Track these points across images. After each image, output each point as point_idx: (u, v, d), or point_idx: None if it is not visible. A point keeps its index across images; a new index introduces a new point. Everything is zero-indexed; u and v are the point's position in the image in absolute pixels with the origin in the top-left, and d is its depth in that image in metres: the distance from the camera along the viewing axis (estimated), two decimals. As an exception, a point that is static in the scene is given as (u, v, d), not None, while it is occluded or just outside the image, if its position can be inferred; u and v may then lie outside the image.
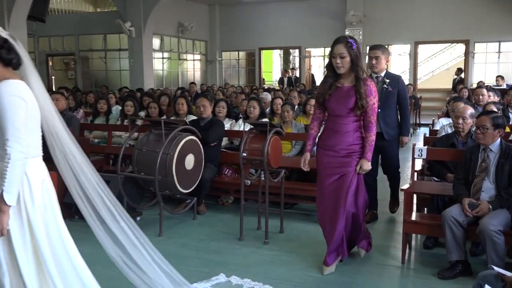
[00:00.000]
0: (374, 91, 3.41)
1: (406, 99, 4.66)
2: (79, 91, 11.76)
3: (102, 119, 6.75)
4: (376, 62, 4.45)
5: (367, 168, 3.45)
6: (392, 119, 4.57)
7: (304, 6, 15.25)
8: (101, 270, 3.69)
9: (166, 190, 4.60)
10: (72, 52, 15.66)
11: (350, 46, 3.32)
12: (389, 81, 4.46)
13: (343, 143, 3.44)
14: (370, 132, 3.44)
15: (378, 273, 3.64)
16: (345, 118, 3.44)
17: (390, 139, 4.55)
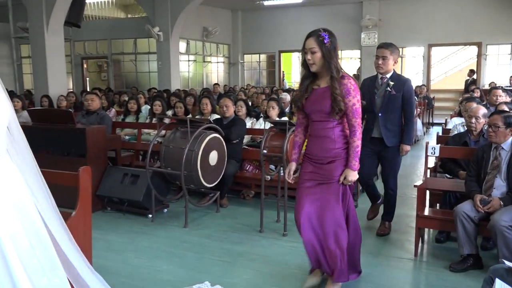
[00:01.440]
0: (353, 90, 2.79)
1: (411, 104, 3.96)
2: (111, 91, 11.91)
3: (132, 118, 6.83)
4: (382, 62, 3.90)
5: (352, 178, 2.84)
6: (394, 124, 3.97)
7: (322, 11, 15.14)
8: (132, 259, 3.76)
9: (191, 184, 4.63)
10: (105, 55, 15.86)
11: (321, 40, 2.78)
12: (394, 83, 3.90)
13: (326, 150, 2.87)
14: (354, 136, 2.81)
15: (391, 265, 3.60)
16: (325, 123, 2.86)
17: (391, 145, 3.98)
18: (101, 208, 4.95)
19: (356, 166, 2.83)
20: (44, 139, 5.20)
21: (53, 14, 9.56)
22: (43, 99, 8.90)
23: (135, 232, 4.35)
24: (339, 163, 2.86)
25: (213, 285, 3.11)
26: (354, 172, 2.84)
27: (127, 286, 3.22)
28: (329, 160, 2.87)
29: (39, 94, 9.63)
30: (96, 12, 16.15)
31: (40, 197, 2.35)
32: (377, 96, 3.97)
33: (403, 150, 4.02)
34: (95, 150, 4.89)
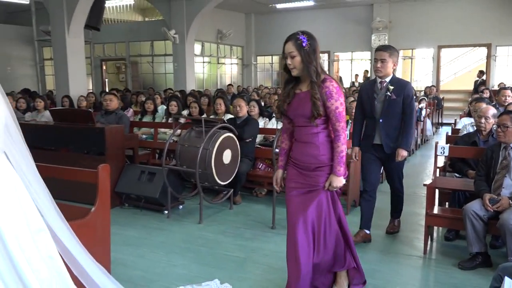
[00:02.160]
0: (336, 93, 2.57)
1: (411, 108, 3.68)
2: (129, 92, 12.00)
3: (149, 118, 6.86)
4: (381, 65, 3.62)
5: (337, 184, 2.61)
6: (395, 130, 3.71)
7: (333, 14, 15.07)
8: (148, 253, 3.79)
9: (205, 182, 4.64)
10: (123, 57, 15.98)
11: (300, 43, 2.59)
12: (394, 88, 3.63)
13: (311, 156, 2.66)
14: (338, 141, 2.60)
15: (401, 262, 3.57)
16: (309, 128, 2.64)
17: (391, 152, 3.72)
18: (119, 204, 4.99)
19: (341, 172, 2.61)
20: (65, 138, 5.26)
21: (74, 18, 9.66)
22: (64, 99, 9.00)
23: (152, 228, 4.37)
24: (326, 170, 2.65)
25: (222, 283, 3.08)
26: (340, 178, 2.62)
27: (144, 279, 3.24)
28: (314, 167, 2.66)
29: (61, 94, 9.74)
30: (115, 16, 16.28)
31: (40, 195, 2.34)
32: (377, 101, 3.70)
33: (399, 155, 3.67)
34: (113, 148, 4.93)
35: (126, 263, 3.51)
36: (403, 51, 15.66)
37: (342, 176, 2.63)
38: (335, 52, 16.06)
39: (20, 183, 2.26)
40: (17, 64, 15.21)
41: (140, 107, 8.07)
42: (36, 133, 5.52)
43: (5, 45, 14.69)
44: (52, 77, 12.90)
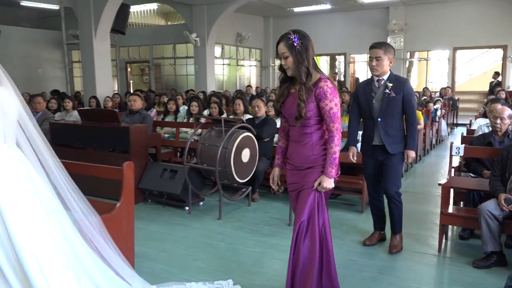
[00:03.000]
0: (330, 93, 2.42)
1: (412, 106, 3.46)
2: (152, 93, 12.12)
3: (171, 117, 6.91)
4: (376, 63, 3.41)
5: (327, 185, 2.47)
6: (395, 129, 3.47)
7: (350, 17, 14.93)
8: (170, 247, 3.82)
9: (225, 180, 4.65)
10: (147, 60, 16.14)
11: (291, 43, 2.43)
12: (393, 85, 3.40)
13: (305, 156, 2.54)
14: (331, 143, 2.45)
15: (415, 259, 3.51)
16: (303, 128, 2.51)
17: (393, 152, 3.47)
18: (142, 200, 5.04)
19: (332, 174, 2.47)
20: (92, 137, 5.34)
21: (101, 22, 9.79)
22: (91, 99, 9.14)
23: (173, 223, 4.41)
24: (317, 170, 2.51)
25: (235, 284, 3.04)
26: (330, 180, 2.47)
27: (165, 272, 3.26)
28: (307, 167, 2.54)
29: (88, 95, 9.90)
30: (139, 20, 16.46)
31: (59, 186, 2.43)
32: (375, 100, 3.46)
33: (409, 157, 3.48)
34: (137, 147, 4.98)
35: (149, 256, 3.54)
36: (419, 53, 15.43)
37: (333, 178, 2.48)
38: (351, 54, 15.91)
39: (32, 170, 2.33)
40: (48, 66, 15.52)
41: (162, 107, 8.14)
42: (65, 132, 5.62)
43: (36, 49, 15.01)
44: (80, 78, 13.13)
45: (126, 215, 2.95)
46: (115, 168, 3.02)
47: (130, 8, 11.26)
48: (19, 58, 14.21)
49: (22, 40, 14.41)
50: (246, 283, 3.09)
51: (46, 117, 6.41)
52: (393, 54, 3.47)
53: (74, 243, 2.37)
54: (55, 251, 2.26)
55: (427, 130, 7.77)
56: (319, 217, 2.50)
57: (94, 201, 3.16)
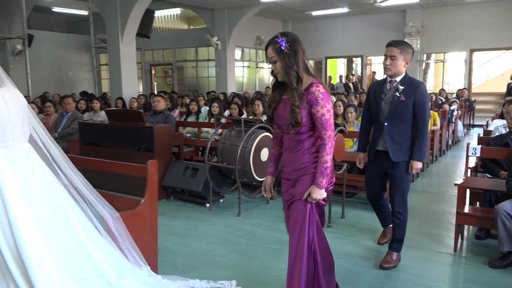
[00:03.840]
0: (322, 99, 2.20)
1: (424, 113, 3.06)
2: (175, 94, 12.23)
3: (193, 118, 6.96)
4: (390, 63, 3.05)
5: (317, 197, 2.24)
6: (403, 136, 3.11)
7: (366, 20, 14.76)
8: (191, 242, 3.84)
9: (244, 178, 4.66)
10: (170, 62, 16.30)
11: (278, 47, 2.23)
12: (404, 88, 3.04)
13: (296, 163, 2.33)
14: (323, 151, 2.23)
15: (431, 258, 3.45)
16: (295, 135, 2.30)
17: (398, 161, 3.11)
18: (165, 196, 5.09)
19: (323, 184, 2.24)
20: (118, 136, 5.42)
21: (127, 27, 9.93)
22: (118, 100, 9.29)
23: (195, 219, 4.44)
24: (308, 179, 2.29)
25: (237, 286, 2.96)
26: (321, 191, 2.24)
27: (187, 266, 3.29)
28: (298, 175, 2.33)
29: (115, 96, 10.05)
30: (163, 24, 16.63)
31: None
32: (384, 103, 3.14)
33: (413, 167, 3.11)
34: (161, 145, 5.03)
35: (171, 251, 3.58)
36: (435, 55, 15.14)
37: (323, 188, 2.25)
38: (367, 56, 15.73)
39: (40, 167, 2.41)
40: (77, 69, 15.84)
41: (185, 108, 8.20)
42: (93, 131, 5.72)
43: (67, 52, 15.34)
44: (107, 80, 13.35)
45: (150, 211, 2.98)
46: (140, 166, 3.06)
47: (154, 13, 11.39)
48: (50, 61, 14.56)
49: (54, 44, 14.75)
50: (264, 278, 3.09)
51: (75, 117, 6.55)
52: (411, 55, 3.10)
53: (81, 237, 2.41)
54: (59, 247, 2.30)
55: (443, 131, 7.63)
56: (309, 230, 2.28)
57: (119, 197, 3.21)
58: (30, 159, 2.37)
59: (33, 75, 10.96)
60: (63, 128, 6.52)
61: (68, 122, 6.54)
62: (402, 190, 3.18)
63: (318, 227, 2.33)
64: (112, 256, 2.55)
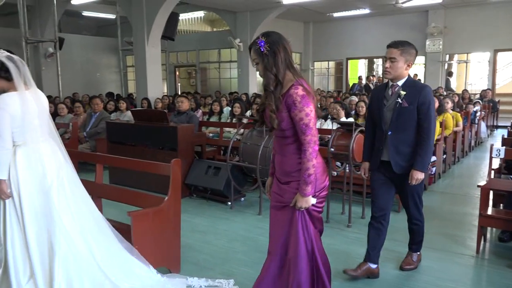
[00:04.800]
0: (299, 101, 2.05)
1: (428, 119, 2.75)
2: (198, 94, 12.34)
3: (216, 118, 7.00)
4: (390, 65, 2.78)
5: (302, 205, 2.13)
6: (408, 146, 2.82)
7: (388, 21, 14.52)
8: (213, 240, 3.86)
9: (265, 177, 4.64)
10: (194, 64, 16.45)
11: (258, 49, 2.11)
12: (406, 93, 2.75)
13: (283, 168, 2.23)
14: (304, 157, 2.09)
15: (453, 260, 3.37)
16: (281, 139, 2.19)
17: (402, 173, 2.84)
18: (188, 194, 5.13)
19: (308, 192, 2.10)
20: (143, 135, 5.50)
21: (153, 30, 10.08)
22: (143, 101, 9.43)
23: (216, 217, 4.46)
24: (293, 186, 2.18)
25: (234, 285, 2.94)
26: (306, 199, 2.11)
27: (208, 262, 3.31)
28: (285, 180, 2.22)
29: (140, 97, 10.22)
30: (187, 27, 16.80)
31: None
32: (386, 109, 2.85)
33: (413, 178, 2.79)
34: (184, 145, 5.08)
35: (194, 247, 3.61)
36: (458, 55, 14.77)
37: (309, 196, 2.12)
38: (389, 57, 15.48)
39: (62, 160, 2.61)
40: (105, 70, 16.17)
41: (208, 108, 8.26)
42: (120, 131, 5.83)
43: (95, 55, 15.67)
44: (133, 82, 13.57)
45: (174, 208, 3.01)
46: (164, 164, 3.09)
47: (179, 16, 11.52)
48: (80, 63, 14.90)
49: (83, 47, 15.10)
50: (284, 276, 3.07)
51: (103, 117, 6.69)
52: (413, 56, 2.81)
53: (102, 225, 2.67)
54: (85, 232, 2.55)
55: (466, 132, 7.44)
56: (305, 237, 2.19)
57: (144, 195, 3.26)
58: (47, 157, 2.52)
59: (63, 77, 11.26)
60: (91, 127, 6.67)
61: (96, 122, 6.68)
62: (415, 199, 2.97)
63: (314, 234, 2.23)
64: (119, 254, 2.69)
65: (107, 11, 14.33)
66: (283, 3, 11.97)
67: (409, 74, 2.85)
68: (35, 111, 2.50)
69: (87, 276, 2.49)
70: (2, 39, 11.89)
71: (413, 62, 2.82)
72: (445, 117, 6.21)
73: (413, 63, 2.83)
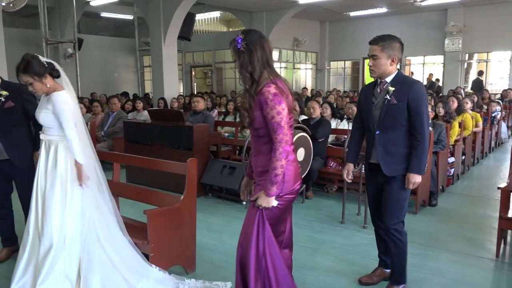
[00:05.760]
0: (271, 100, 2.01)
1: (420, 117, 2.52)
2: (213, 94, 12.39)
3: (231, 117, 7.02)
4: (373, 63, 2.59)
5: (263, 204, 2.08)
6: (398, 146, 2.60)
7: (406, 19, 14.34)
8: (227, 239, 3.87)
9: (280, 177, 4.63)
10: (210, 64, 16.53)
11: (235, 46, 2.08)
12: (395, 89, 2.55)
13: (257, 168, 2.20)
14: (273, 156, 2.03)
15: (471, 263, 3.30)
16: (257, 138, 2.16)
17: (389, 175, 2.62)
18: (203, 194, 5.16)
19: (271, 192, 2.05)
20: (160, 134, 5.55)
21: (169, 30, 10.17)
22: (160, 101, 9.52)
23: (231, 216, 4.47)
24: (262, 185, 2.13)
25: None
26: (268, 198, 2.06)
27: (222, 261, 3.32)
28: (259, 180, 2.19)
29: (157, 96, 10.32)
30: (203, 27, 16.89)
31: None
32: (375, 108, 2.65)
33: (409, 182, 2.57)
34: (200, 144, 5.11)
35: (209, 246, 3.62)
36: (478, 55, 14.49)
37: (273, 196, 2.06)
38: (406, 57, 15.29)
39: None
40: (122, 70, 16.38)
41: (223, 108, 8.29)
42: (136, 130, 5.89)
43: (113, 55, 15.89)
44: (150, 81, 13.71)
45: (189, 207, 3.03)
46: (180, 163, 3.12)
47: (195, 16, 11.59)
48: (98, 64, 15.14)
49: (101, 47, 15.33)
50: (298, 277, 3.06)
51: (120, 117, 6.78)
52: (397, 50, 2.58)
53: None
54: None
55: (485, 132, 7.28)
56: (259, 241, 2.11)
57: (160, 193, 3.29)
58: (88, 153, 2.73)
59: (82, 77, 11.46)
60: (109, 126, 6.77)
61: (114, 121, 6.78)
62: (396, 208, 2.65)
63: (269, 238, 2.12)
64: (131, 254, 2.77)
65: (124, 12, 14.52)
66: (299, 3, 11.93)
67: (399, 69, 2.68)
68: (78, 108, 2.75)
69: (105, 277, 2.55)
70: (24, 40, 12.18)
71: (399, 56, 2.60)
72: (464, 117, 6.10)
73: (400, 57, 2.61)
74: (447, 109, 5.39)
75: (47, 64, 2.65)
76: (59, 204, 2.55)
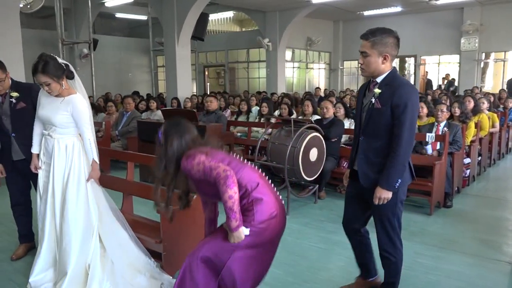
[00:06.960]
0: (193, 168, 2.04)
1: (401, 125, 2.21)
2: (226, 94, 12.43)
3: (244, 117, 7.03)
4: (363, 61, 2.35)
5: (234, 241, 2.03)
6: (380, 155, 2.33)
7: (421, 18, 14.17)
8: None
9: (293, 177, 4.64)
10: (223, 64, 16.59)
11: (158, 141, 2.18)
12: (381, 91, 2.29)
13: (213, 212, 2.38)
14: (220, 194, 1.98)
15: (487, 266, 3.24)
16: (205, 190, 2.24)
17: (366, 186, 2.39)
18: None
19: (233, 226, 1.96)
20: (173, 134, 5.58)
21: (183, 30, 10.23)
22: (173, 100, 9.58)
23: (244, 216, 4.47)
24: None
25: None
26: (234, 234, 1.98)
27: (236, 262, 3.32)
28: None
29: (170, 96, 10.39)
30: (216, 27, 16.96)
31: None
32: (363, 110, 2.43)
33: (376, 196, 2.31)
34: (212, 144, 5.11)
35: (221, 245, 3.63)
36: (495, 54, 14.23)
37: (237, 230, 1.97)
38: (421, 56, 15.10)
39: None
40: (137, 70, 16.54)
41: (236, 108, 8.30)
42: (150, 130, 5.94)
43: (127, 55, 16.06)
44: (163, 81, 13.81)
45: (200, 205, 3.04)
46: (192, 163, 3.12)
47: (209, 16, 11.64)
48: (113, 64, 15.31)
49: (116, 47, 15.50)
50: (311, 277, 3.06)
51: (134, 116, 6.84)
52: (390, 46, 2.29)
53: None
54: None
55: (502, 133, 7.15)
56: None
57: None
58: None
59: (97, 77, 11.60)
60: (123, 126, 6.84)
61: (128, 121, 6.85)
62: (383, 224, 2.43)
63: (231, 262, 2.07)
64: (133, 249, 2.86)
65: (139, 12, 14.66)
66: (313, 2, 11.88)
67: (394, 67, 2.38)
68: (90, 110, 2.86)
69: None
70: (40, 40, 12.39)
71: (394, 53, 2.31)
72: (480, 117, 6.00)
73: (394, 54, 2.32)
74: (463, 109, 5.31)
75: (65, 65, 2.72)
76: (75, 200, 2.65)
